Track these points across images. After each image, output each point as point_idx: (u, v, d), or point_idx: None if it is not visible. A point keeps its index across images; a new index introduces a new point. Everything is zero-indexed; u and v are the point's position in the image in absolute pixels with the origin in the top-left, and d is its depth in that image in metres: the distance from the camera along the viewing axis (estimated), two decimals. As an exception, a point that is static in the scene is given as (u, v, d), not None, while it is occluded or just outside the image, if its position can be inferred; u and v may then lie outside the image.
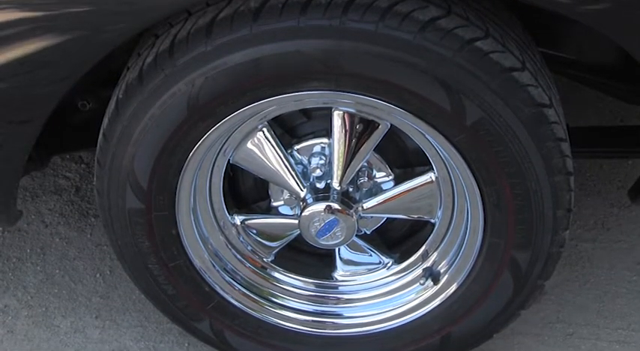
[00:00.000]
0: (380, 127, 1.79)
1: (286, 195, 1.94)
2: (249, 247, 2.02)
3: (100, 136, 1.82)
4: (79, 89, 1.78)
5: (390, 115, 1.73)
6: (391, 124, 1.78)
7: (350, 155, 1.82)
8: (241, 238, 2.01)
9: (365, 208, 1.90)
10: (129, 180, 1.81)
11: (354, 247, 2.01)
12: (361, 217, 1.90)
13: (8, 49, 1.71)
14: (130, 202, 1.83)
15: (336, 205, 1.85)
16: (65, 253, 2.39)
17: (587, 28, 1.67)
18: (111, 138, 1.78)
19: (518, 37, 1.75)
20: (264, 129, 1.82)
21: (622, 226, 2.30)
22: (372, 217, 1.94)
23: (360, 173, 1.89)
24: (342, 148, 1.81)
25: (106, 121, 1.79)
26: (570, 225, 1.84)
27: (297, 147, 1.89)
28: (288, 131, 1.91)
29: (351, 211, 1.87)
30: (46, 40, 1.70)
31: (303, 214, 1.88)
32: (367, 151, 1.83)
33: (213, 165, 1.89)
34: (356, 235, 1.94)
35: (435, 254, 1.96)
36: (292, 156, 1.89)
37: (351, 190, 1.90)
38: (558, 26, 1.87)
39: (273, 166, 1.86)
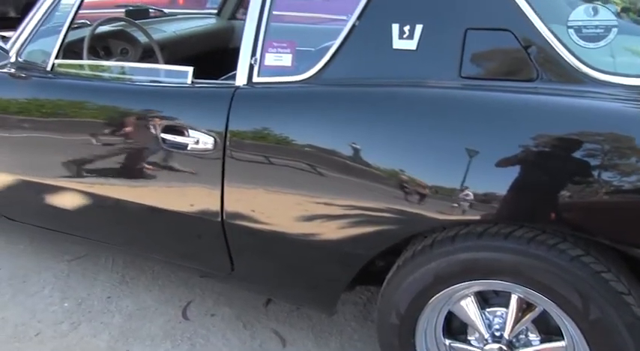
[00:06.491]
0: (537, 308, 1.82)
1: (477, 334, 1.97)
2: (451, 357, 2.04)
3: (385, 281, 1.94)
4: (377, 256, 1.91)
5: (543, 302, 1.75)
6: (544, 309, 1.81)
7: (517, 321, 1.86)
8: (447, 352, 2.03)
9: (519, 352, 1.92)
10: (394, 308, 1.93)
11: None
12: (516, 357, 1.91)
13: (337, 236, 1.89)
14: (392, 319, 1.95)
15: (504, 348, 1.90)
16: (352, 336, 2.52)
17: None
18: (389, 284, 1.92)
19: (624, 272, 1.73)
20: (471, 296, 1.89)
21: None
22: (522, 357, 1.91)
23: (520, 331, 1.90)
24: (513, 316, 1.86)
25: (390, 274, 1.93)
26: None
27: (487, 310, 1.93)
28: (484, 299, 1.93)
29: (511, 352, 1.92)
30: (361, 232, 1.86)
31: (484, 347, 1.93)
32: (527, 321, 1.86)
33: (440, 310, 1.95)
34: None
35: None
36: (484, 314, 1.93)
37: (513, 340, 1.91)
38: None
39: (472, 317, 1.93)
